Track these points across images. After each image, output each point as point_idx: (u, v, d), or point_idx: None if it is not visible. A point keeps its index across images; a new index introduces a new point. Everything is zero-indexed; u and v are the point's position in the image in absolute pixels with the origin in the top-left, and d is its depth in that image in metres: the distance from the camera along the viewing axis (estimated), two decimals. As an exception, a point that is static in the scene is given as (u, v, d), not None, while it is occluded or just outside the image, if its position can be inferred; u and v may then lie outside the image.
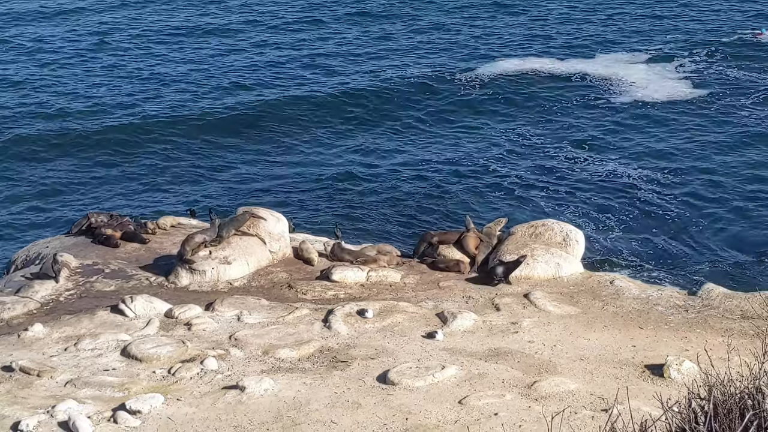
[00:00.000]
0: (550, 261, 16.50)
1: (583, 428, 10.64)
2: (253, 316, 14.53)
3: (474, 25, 40.39)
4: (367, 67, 35.53)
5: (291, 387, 12.11)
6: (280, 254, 17.40)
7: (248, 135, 29.88)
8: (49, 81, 34.76)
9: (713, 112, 30.79)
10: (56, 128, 30.54)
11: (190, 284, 16.24)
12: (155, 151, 28.91)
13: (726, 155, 27.68)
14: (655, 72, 34.59)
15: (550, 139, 29.10)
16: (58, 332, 14.03)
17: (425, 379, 12.18)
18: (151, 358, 13.04)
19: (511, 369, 12.63)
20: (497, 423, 11.05)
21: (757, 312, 14.49)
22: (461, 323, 14.16)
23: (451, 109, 31.62)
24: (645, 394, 11.56)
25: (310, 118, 30.97)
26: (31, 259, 17.81)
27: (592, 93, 32.72)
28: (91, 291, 15.99)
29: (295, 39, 39.06)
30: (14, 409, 11.53)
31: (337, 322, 14.19)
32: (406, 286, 16.19)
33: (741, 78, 33.66)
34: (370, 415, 11.41)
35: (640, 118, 30.57)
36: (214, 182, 26.95)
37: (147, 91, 33.56)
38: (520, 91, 33.06)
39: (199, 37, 39.36)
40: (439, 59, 36.37)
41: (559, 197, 25.37)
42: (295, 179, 26.92)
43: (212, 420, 11.32)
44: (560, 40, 38.46)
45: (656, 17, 41.08)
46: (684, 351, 13.10)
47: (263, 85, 34.00)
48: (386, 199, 25.50)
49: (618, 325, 14.29)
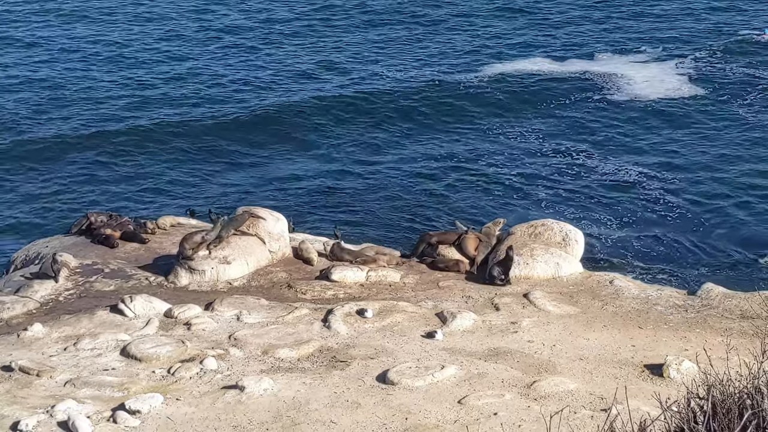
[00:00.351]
0: (549, 261, 16.50)
1: (582, 428, 10.64)
2: (253, 316, 14.52)
3: (474, 27, 40.37)
4: (368, 69, 35.51)
5: (290, 387, 12.11)
6: (279, 254, 17.40)
7: (247, 136, 29.84)
8: (49, 80, 34.73)
9: (713, 112, 30.78)
10: (56, 128, 30.52)
11: (190, 284, 16.24)
12: (155, 152, 28.88)
13: (727, 155, 27.67)
14: (656, 71, 34.58)
15: (550, 138, 29.09)
16: (57, 332, 14.03)
17: (425, 379, 12.18)
18: (151, 357, 13.04)
19: (510, 369, 12.63)
20: (497, 423, 11.05)
21: (757, 312, 14.49)
22: (461, 323, 14.16)
23: (451, 110, 31.57)
24: (644, 393, 11.57)
25: (310, 119, 30.92)
26: (31, 259, 17.81)
27: (592, 92, 32.70)
28: (91, 291, 15.99)
29: (296, 41, 39.01)
30: (14, 409, 11.53)
31: (337, 322, 14.19)
32: (406, 285, 16.18)
33: (743, 78, 33.64)
34: (369, 414, 11.42)
35: (639, 118, 30.56)
36: (214, 183, 26.93)
37: (147, 92, 33.54)
38: (520, 91, 33.02)
39: (200, 39, 39.32)
40: (440, 61, 36.35)
41: (558, 197, 25.36)
42: (295, 179, 26.91)
43: (212, 420, 11.32)
44: (560, 41, 38.43)
45: (657, 17, 41.07)
46: (683, 351, 13.10)
47: (263, 87, 33.96)
48: (386, 199, 25.49)
49: (617, 324, 14.29)
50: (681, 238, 23.05)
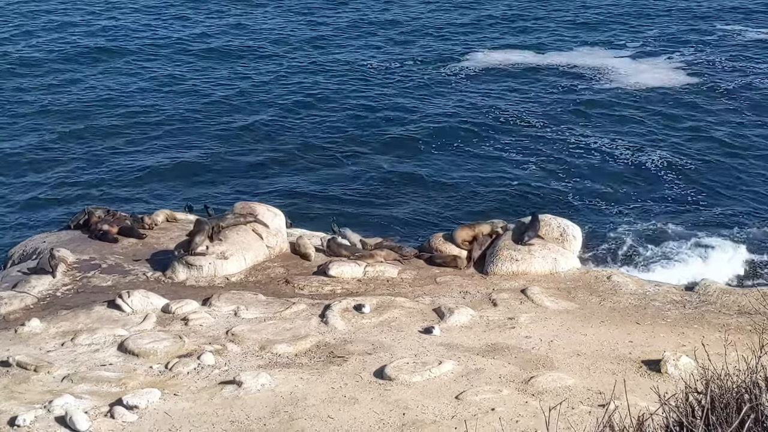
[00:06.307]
0: (547, 256, 16.50)
1: (580, 423, 10.64)
2: (250, 312, 14.52)
3: (457, 19, 40.38)
4: (352, 63, 35.50)
5: (288, 382, 12.11)
6: (277, 249, 17.40)
7: (246, 133, 29.82)
8: (48, 77, 34.69)
9: (706, 105, 30.84)
10: (53, 124, 30.49)
11: (187, 279, 16.23)
12: (155, 148, 28.86)
13: (724, 147, 27.69)
14: (646, 63, 34.71)
15: (543, 133, 29.04)
16: (55, 327, 14.02)
17: (422, 375, 12.18)
18: (148, 353, 13.03)
19: (508, 364, 12.63)
20: (494, 418, 11.05)
21: (755, 307, 14.50)
22: (458, 318, 14.16)
23: (441, 103, 31.54)
24: (642, 389, 11.57)
25: (306, 115, 30.93)
26: (28, 254, 17.79)
27: (582, 84, 32.75)
28: (88, 286, 15.98)
29: (288, 36, 39.02)
30: (11, 404, 11.52)
31: (334, 318, 14.19)
32: (403, 281, 16.19)
33: (732, 69, 33.76)
34: (367, 410, 11.41)
35: (632, 111, 30.58)
36: (212, 178, 26.91)
37: (148, 90, 33.48)
38: (510, 83, 33.04)
39: (200, 39, 39.28)
40: (426, 50, 36.43)
41: (556, 193, 25.35)
42: (292, 175, 26.90)
43: (209, 415, 11.32)
44: (546, 32, 38.53)
45: (645, 9, 41.16)
46: (681, 346, 13.10)
47: (261, 81, 33.97)
48: (380, 194, 25.48)
49: (615, 320, 14.30)
50: (678, 233, 23.05)
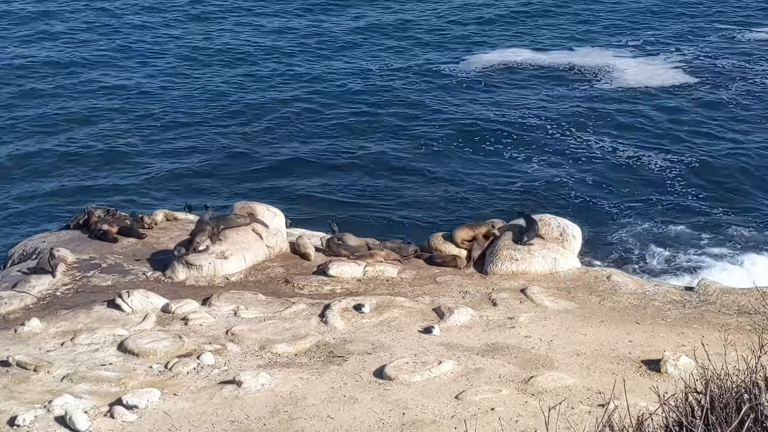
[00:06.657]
0: (546, 256, 16.49)
1: (579, 423, 10.63)
2: (250, 311, 14.52)
3: (458, 19, 40.38)
4: (353, 63, 35.49)
5: (288, 382, 12.11)
6: (277, 249, 17.40)
7: (246, 133, 29.81)
8: (49, 78, 34.67)
9: (708, 103, 30.77)
10: (53, 123, 30.49)
11: (187, 279, 16.23)
12: (154, 148, 28.85)
13: (725, 147, 27.64)
14: (646, 63, 34.62)
15: (543, 132, 28.99)
16: (54, 327, 14.02)
17: (422, 374, 12.18)
18: (148, 353, 13.02)
19: (507, 364, 12.63)
20: (494, 418, 11.05)
21: (754, 307, 14.49)
22: (458, 318, 14.16)
23: (442, 104, 31.52)
24: (642, 389, 11.57)
25: (307, 115, 30.91)
26: (28, 254, 17.79)
27: (583, 84, 32.71)
28: (88, 286, 15.97)
29: (289, 35, 39.00)
30: (11, 404, 11.52)
31: (334, 317, 14.18)
32: (403, 281, 16.18)
33: (732, 68, 33.77)
34: (366, 410, 11.41)
35: (631, 111, 30.52)
36: (212, 179, 26.91)
37: (148, 91, 33.46)
38: (510, 83, 33.02)
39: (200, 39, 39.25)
40: (426, 51, 36.42)
41: (556, 192, 25.34)
42: (293, 175, 26.89)
43: (209, 415, 11.32)
44: (547, 32, 38.46)
45: (645, 9, 41.17)
46: (681, 346, 13.10)
47: (261, 81, 33.94)
48: (380, 195, 25.48)
49: (615, 320, 14.30)
50: (679, 233, 23.06)
